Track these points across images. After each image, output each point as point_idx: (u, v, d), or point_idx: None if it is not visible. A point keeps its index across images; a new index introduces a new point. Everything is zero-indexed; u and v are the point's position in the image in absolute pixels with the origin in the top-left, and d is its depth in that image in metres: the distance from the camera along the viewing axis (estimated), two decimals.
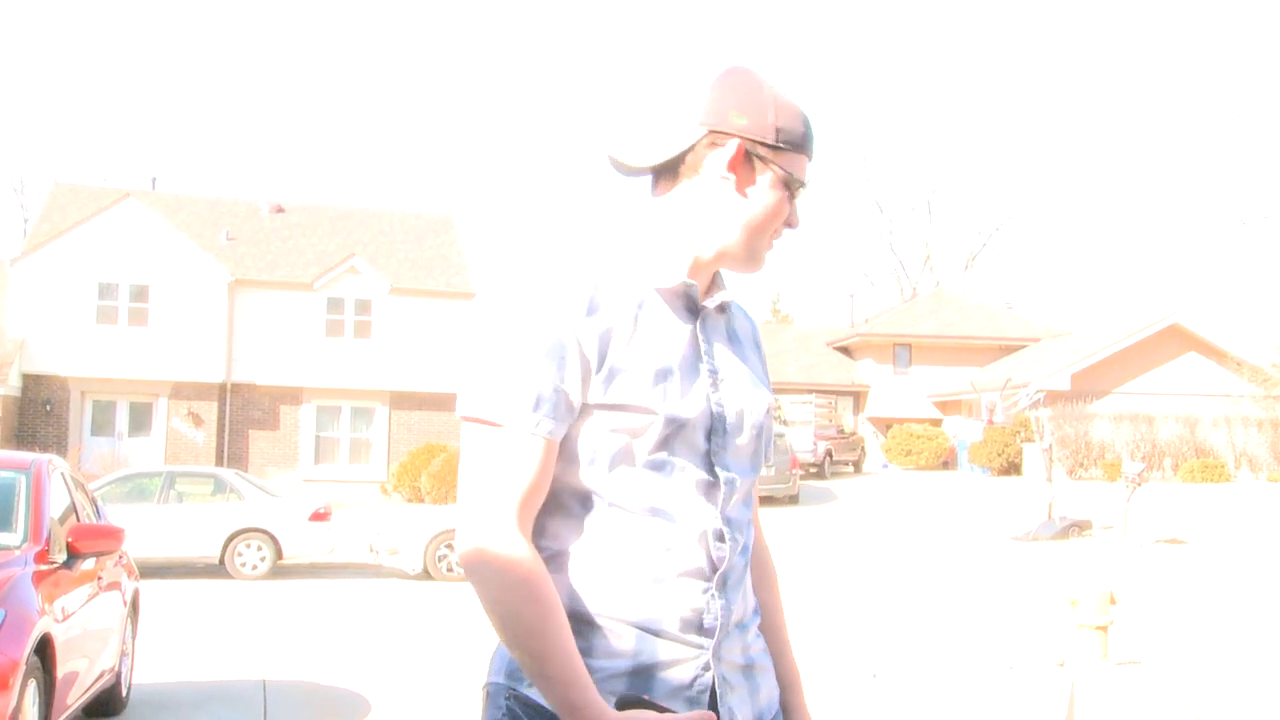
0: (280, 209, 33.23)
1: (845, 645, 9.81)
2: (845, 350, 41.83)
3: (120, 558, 6.90)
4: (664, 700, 1.61)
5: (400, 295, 30.18)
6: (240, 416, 29.25)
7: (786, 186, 1.71)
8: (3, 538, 5.45)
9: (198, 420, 28.71)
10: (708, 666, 1.64)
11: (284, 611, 12.06)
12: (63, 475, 6.38)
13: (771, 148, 1.69)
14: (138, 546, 10.83)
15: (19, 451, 6.40)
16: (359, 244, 31.69)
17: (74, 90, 73.94)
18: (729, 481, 1.69)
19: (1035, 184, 75.29)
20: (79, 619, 5.57)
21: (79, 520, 6.30)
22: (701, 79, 1.70)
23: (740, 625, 1.72)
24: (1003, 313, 43.30)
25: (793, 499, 26.25)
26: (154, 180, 35.00)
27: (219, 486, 16.34)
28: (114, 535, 6.04)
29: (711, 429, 1.67)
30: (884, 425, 38.88)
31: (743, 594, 1.72)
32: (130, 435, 28.44)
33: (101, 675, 6.20)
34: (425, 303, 30.44)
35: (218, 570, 15.50)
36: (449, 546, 15.02)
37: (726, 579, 1.67)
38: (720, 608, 1.66)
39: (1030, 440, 30.58)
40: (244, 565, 15.31)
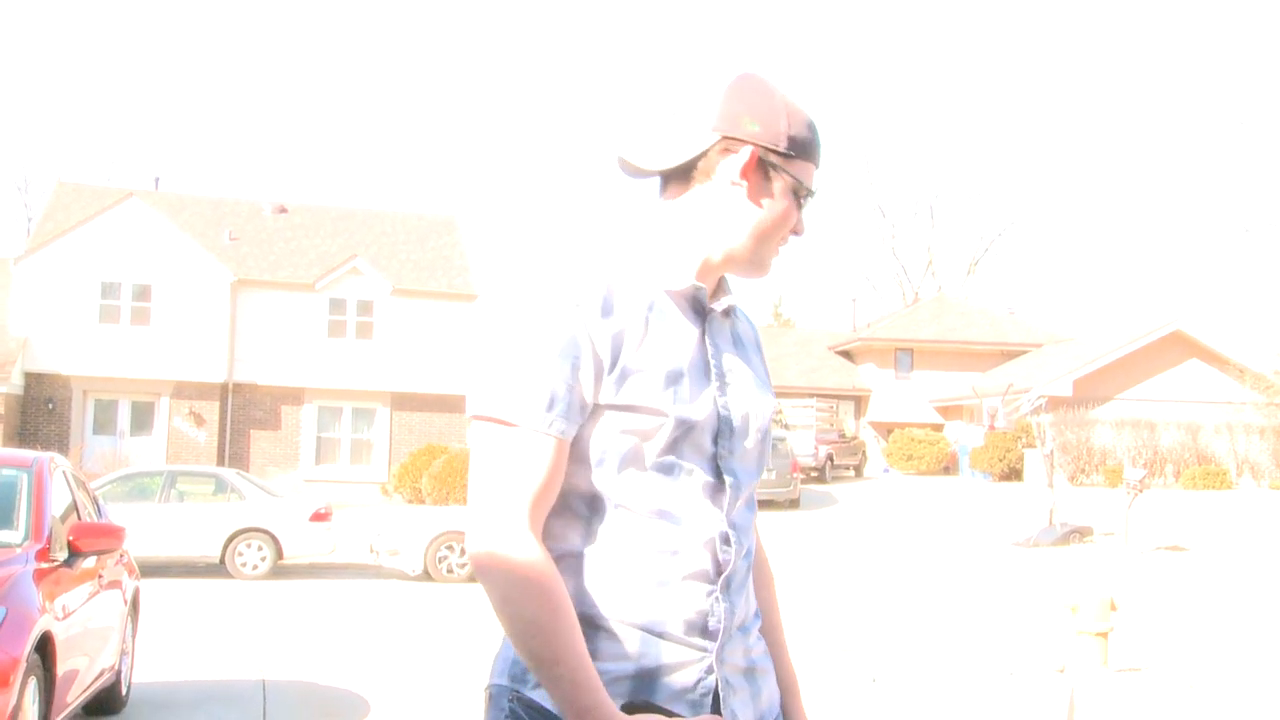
0: (283, 209, 33.25)
1: (845, 649, 9.81)
2: (847, 354, 41.83)
3: (121, 556, 6.91)
4: (667, 703, 1.61)
5: (402, 296, 30.19)
6: (242, 416, 29.27)
7: (795, 194, 1.72)
8: (4, 535, 5.46)
9: (199, 420, 28.73)
10: (711, 669, 1.64)
11: (284, 611, 12.06)
12: (64, 474, 6.39)
13: (783, 155, 1.70)
14: (138, 545, 10.84)
15: (21, 449, 6.40)
16: (361, 245, 31.71)
17: (78, 89, 74.09)
18: (734, 485, 1.69)
19: (1038, 189, 75.40)
20: (79, 617, 5.58)
21: (80, 519, 6.30)
22: (714, 84, 1.70)
23: (742, 628, 1.72)
24: (1005, 318, 43.28)
25: (793, 503, 26.22)
26: (157, 180, 35.03)
27: (220, 486, 16.36)
28: (115, 534, 6.04)
29: (718, 432, 1.67)
30: (885, 430, 38.88)
31: (745, 597, 1.73)
32: (132, 434, 28.47)
33: (102, 674, 6.20)
34: (427, 304, 30.46)
35: (218, 570, 15.51)
36: (449, 548, 15.02)
37: (730, 582, 1.68)
38: (724, 611, 1.66)
39: (1032, 446, 30.57)
40: (244, 565, 15.32)
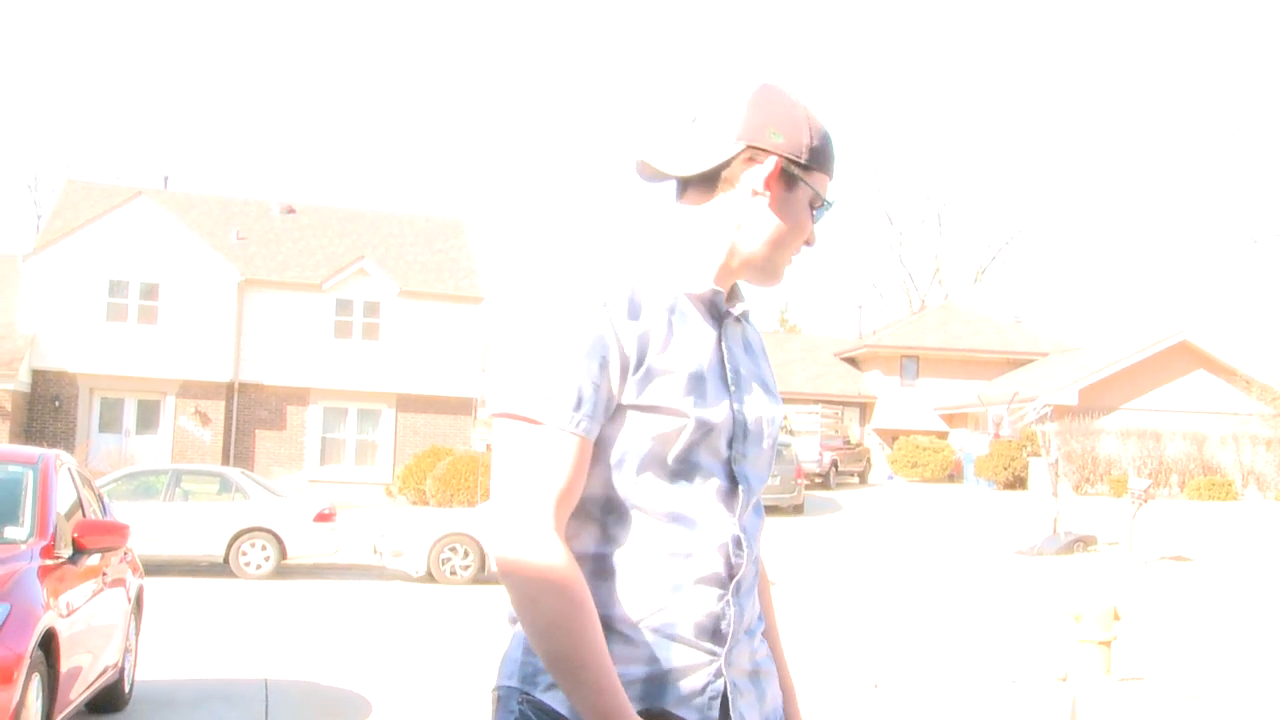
0: (291, 210, 33.30)
1: (848, 655, 9.80)
2: (852, 361, 41.80)
3: (125, 554, 6.92)
4: (676, 706, 1.62)
5: (409, 298, 30.22)
6: (247, 416, 29.31)
7: (811, 205, 1.75)
8: (9, 532, 5.47)
9: (205, 419, 28.78)
10: (720, 673, 1.65)
11: (287, 611, 12.07)
12: (70, 471, 6.40)
13: (803, 167, 1.72)
14: (143, 544, 10.86)
15: (27, 446, 6.41)
16: (369, 246, 31.75)
17: (88, 88, 74.31)
18: (746, 489, 1.71)
19: (1045, 198, 75.34)
20: (83, 614, 5.58)
21: (85, 516, 6.31)
22: (738, 93, 1.72)
23: (748, 631, 1.73)
24: (1011, 327, 43.24)
25: (797, 509, 26.21)
26: (166, 179, 35.07)
27: (225, 485, 16.38)
28: (119, 531, 6.05)
29: (733, 436, 1.69)
30: (890, 437, 38.83)
31: (752, 601, 1.74)
32: (138, 433, 28.51)
33: (105, 671, 6.21)
34: (434, 306, 30.48)
35: (222, 569, 15.52)
36: (453, 549, 15.03)
37: (740, 586, 1.69)
38: (734, 614, 1.67)
39: (1036, 454, 30.51)
40: (248, 564, 15.33)
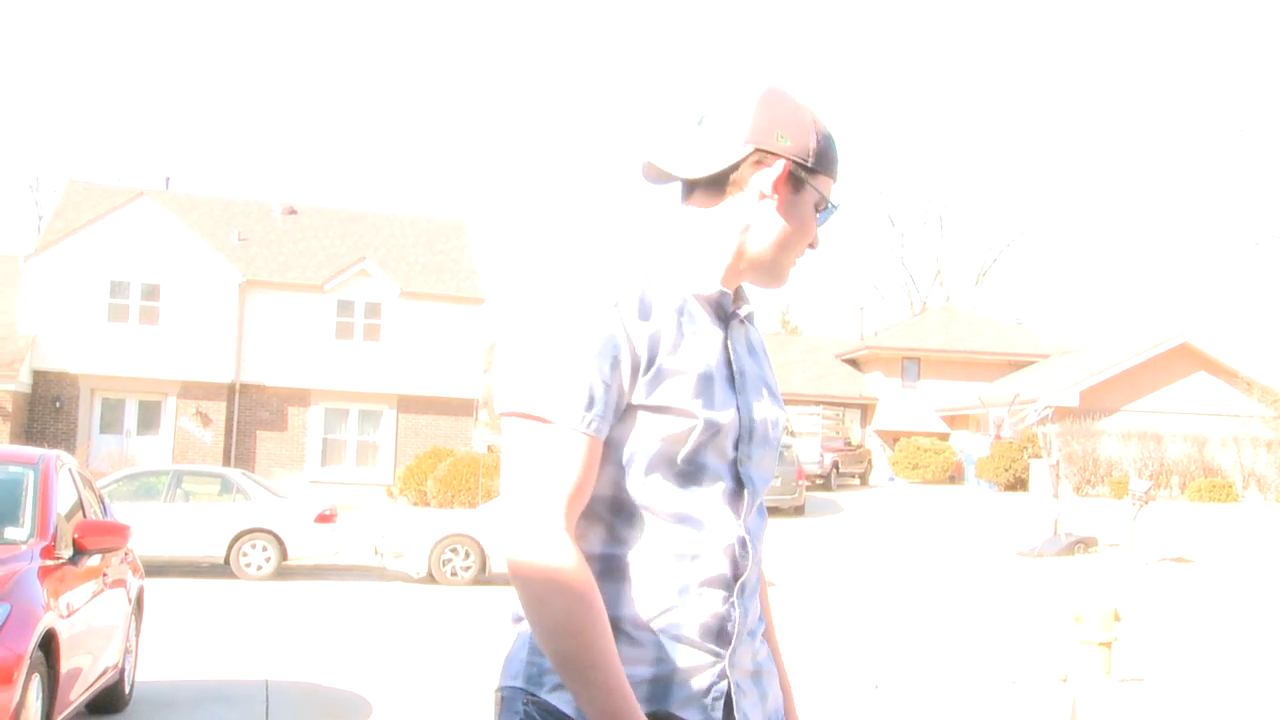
0: (292, 210, 33.31)
1: (848, 656, 9.80)
2: (854, 363, 41.79)
3: (126, 555, 6.92)
4: (682, 707, 1.62)
5: (410, 299, 30.22)
6: (248, 417, 29.32)
7: (816, 208, 1.76)
8: (9, 532, 5.48)
9: (206, 420, 28.78)
10: (724, 674, 1.66)
11: (288, 612, 12.07)
12: (70, 471, 6.40)
13: (809, 170, 1.73)
14: (143, 544, 10.86)
15: (27, 447, 6.41)
16: (370, 247, 31.75)
17: (89, 89, 74.37)
18: (751, 491, 1.71)
19: (1047, 200, 75.40)
20: (83, 615, 5.58)
21: (86, 517, 6.31)
22: (745, 96, 1.73)
23: (751, 632, 1.74)
24: (1012, 328, 43.23)
25: (798, 510, 26.22)
26: (167, 180, 35.10)
27: (226, 486, 16.37)
28: (120, 532, 6.04)
29: (739, 437, 1.69)
30: (891, 438, 38.83)
31: (755, 602, 1.75)
32: (139, 433, 28.51)
33: (105, 672, 6.21)
34: (435, 307, 30.49)
35: (222, 570, 15.52)
36: (453, 550, 15.03)
37: (744, 587, 1.69)
38: (739, 616, 1.68)
39: (1037, 456, 30.50)
40: (249, 565, 15.33)
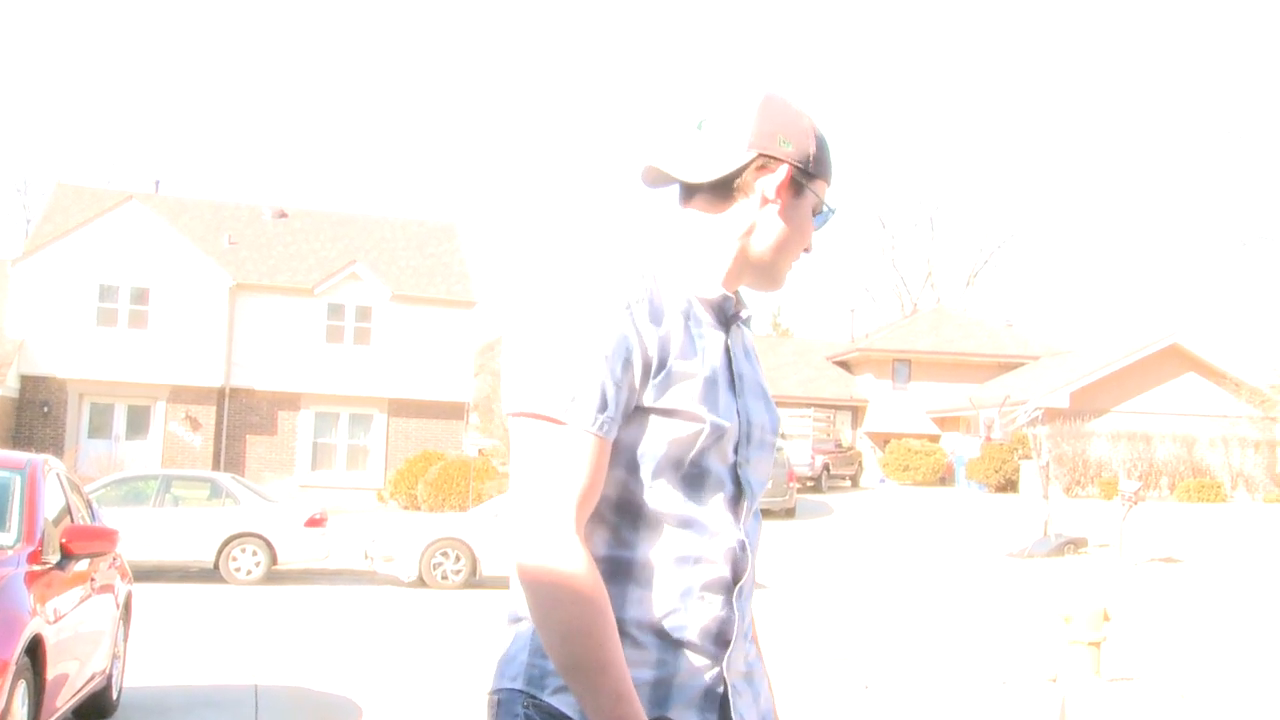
0: (283, 214, 33.25)
1: (839, 656, 9.81)
2: (844, 365, 41.84)
3: (114, 560, 6.89)
4: (681, 709, 1.63)
5: (401, 302, 30.20)
6: (238, 421, 29.24)
7: (814, 212, 1.78)
8: None
9: (195, 424, 28.70)
10: (721, 676, 1.67)
11: (277, 617, 12.04)
12: (58, 476, 6.37)
13: (808, 175, 1.75)
14: (132, 549, 10.83)
15: (15, 451, 6.39)
16: (361, 250, 31.71)
17: (78, 91, 74.16)
18: (750, 494, 1.72)
19: (1038, 202, 75.61)
20: (71, 621, 5.56)
21: (73, 521, 6.28)
22: (747, 102, 1.74)
23: (744, 634, 1.75)
24: (1002, 330, 43.33)
25: (789, 512, 26.23)
26: (157, 183, 34.99)
27: (215, 491, 16.33)
28: (108, 537, 6.01)
29: (739, 441, 1.70)
30: (882, 440, 38.87)
31: (750, 604, 1.76)
32: (127, 438, 28.42)
33: (92, 678, 6.18)
34: (426, 310, 30.46)
35: (212, 575, 15.47)
36: (444, 554, 15.01)
37: (742, 590, 1.70)
38: (737, 619, 1.69)
39: (1028, 457, 30.58)
40: (238, 570, 15.29)
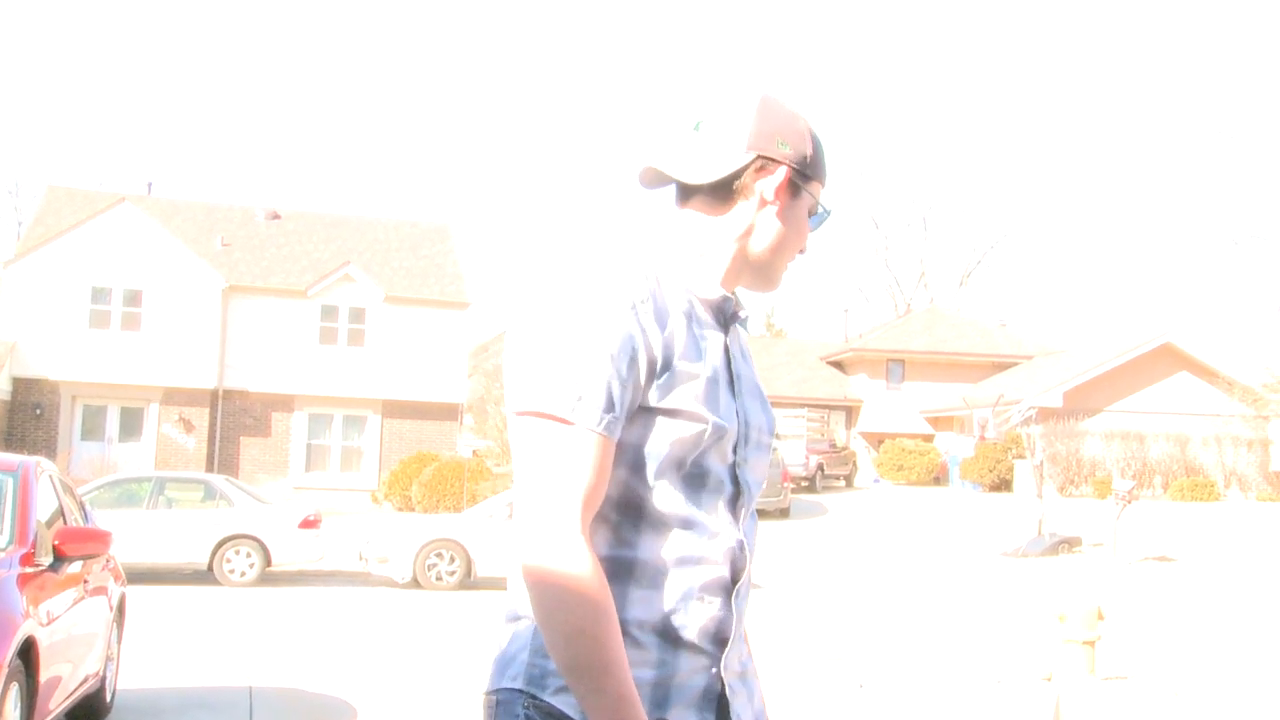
0: (276, 216, 33.20)
1: (833, 656, 9.81)
2: (838, 365, 41.88)
3: (108, 562, 6.87)
4: (680, 710, 1.63)
5: (394, 304, 30.17)
6: (232, 423, 29.19)
7: (810, 213, 1.79)
8: None
9: (189, 426, 28.65)
10: (719, 676, 1.67)
11: (272, 619, 12.02)
12: (50, 478, 6.35)
13: (806, 176, 1.76)
14: (126, 551, 10.80)
15: (7, 454, 6.37)
16: (354, 252, 31.67)
17: (70, 93, 74.01)
18: (748, 495, 1.72)
19: (1031, 202, 75.72)
20: (64, 623, 5.54)
21: (66, 523, 6.26)
22: (744, 103, 1.74)
23: (740, 634, 1.75)
24: (996, 330, 43.39)
25: (783, 512, 26.24)
26: (149, 185, 34.92)
27: (209, 492, 16.29)
28: (101, 538, 6.00)
29: (738, 441, 1.70)
30: (876, 440, 38.92)
31: (746, 604, 1.76)
32: (120, 440, 28.36)
33: (86, 680, 6.17)
34: (419, 311, 30.44)
35: (206, 577, 15.44)
36: (438, 555, 15.00)
37: (740, 591, 1.71)
38: (735, 619, 1.69)
39: (1022, 457, 30.61)
40: (232, 572, 15.26)
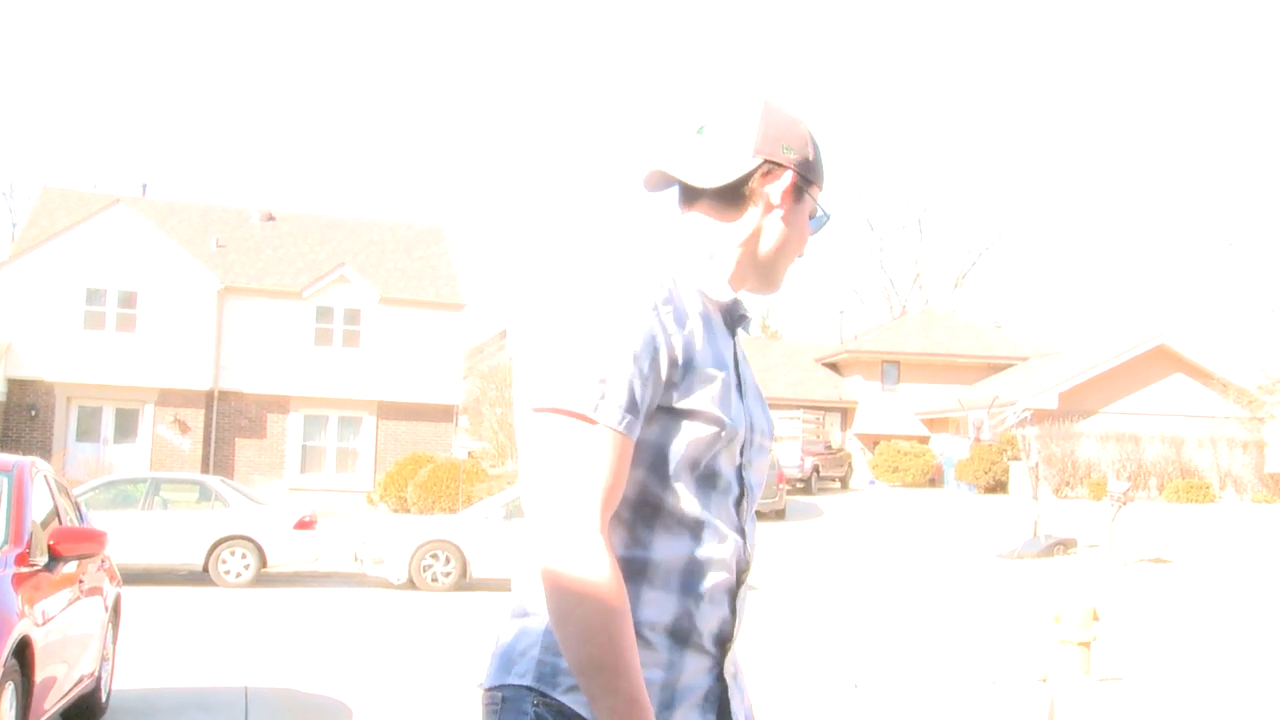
0: (271, 217, 33.17)
1: (828, 656, 9.81)
2: (834, 366, 41.91)
3: (103, 562, 6.87)
4: (685, 710, 1.64)
5: (389, 305, 30.15)
6: (227, 424, 29.16)
7: (811, 216, 1.81)
8: None
9: (184, 427, 28.62)
10: (720, 676, 1.68)
11: (267, 619, 12.01)
12: (46, 478, 6.35)
13: (808, 180, 1.78)
14: (121, 552, 10.77)
15: (2, 454, 6.37)
16: (349, 253, 31.65)
17: (65, 95, 73.89)
18: (750, 496, 1.73)
19: (1026, 204, 75.79)
20: (59, 623, 5.54)
21: (62, 524, 6.26)
22: (749, 108, 1.75)
23: (738, 635, 1.77)
24: (991, 332, 43.45)
25: (779, 514, 26.26)
26: (144, 186, 34.88)
27: (204, 493, 16.27)
28: (96, 539, 6.00)
29: (744, 443, 1.71)
30: (871, 442, 38.94)
31: (745, 605, 1.77)
32: (116, 441, 28.31)
33: (81, 680, 6.16)
34: (414, 313, 30.43)
35: (201, 577, 15.43)
36: (434, 556, 14.99)
37: (741, 592, 1.72)
38: (737, 620, 1.71)
39: (1017, 458, 30.66)
40: (228, 573, 15.25)
